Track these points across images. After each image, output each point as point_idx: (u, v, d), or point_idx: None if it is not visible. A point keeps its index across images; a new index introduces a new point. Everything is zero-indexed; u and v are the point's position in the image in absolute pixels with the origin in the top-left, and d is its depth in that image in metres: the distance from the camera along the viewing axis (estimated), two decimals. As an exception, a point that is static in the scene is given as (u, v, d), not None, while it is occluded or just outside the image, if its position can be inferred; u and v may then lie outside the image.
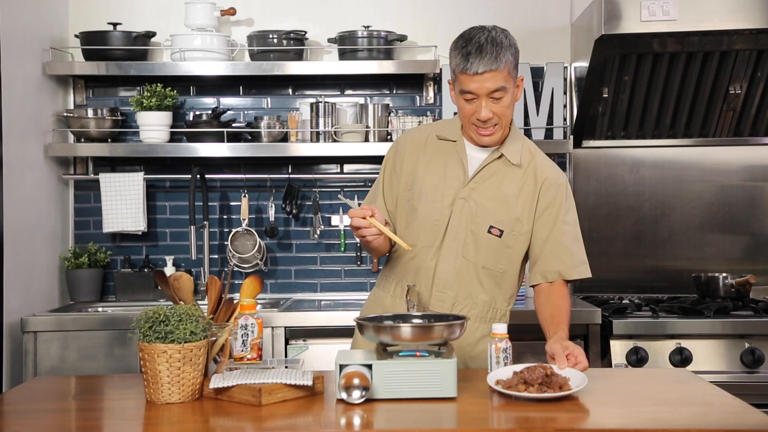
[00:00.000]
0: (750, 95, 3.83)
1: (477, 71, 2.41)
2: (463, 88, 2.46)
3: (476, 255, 2.56)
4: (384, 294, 2.67)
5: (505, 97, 2.47)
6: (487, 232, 2.54)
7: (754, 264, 4.05)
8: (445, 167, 2.59)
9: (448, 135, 2.62)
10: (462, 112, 2.53)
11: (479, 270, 2.56)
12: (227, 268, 4.03)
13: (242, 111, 4.11)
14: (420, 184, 2.59)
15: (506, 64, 2.43)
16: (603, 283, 4.08)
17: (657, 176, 4.09)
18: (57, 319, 3.50)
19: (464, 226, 2.55)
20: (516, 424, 1.96)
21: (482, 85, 2.43)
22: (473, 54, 2.42)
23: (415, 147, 2.64)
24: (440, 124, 2.70)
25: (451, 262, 2.56)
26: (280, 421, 1.99)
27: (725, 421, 1.97)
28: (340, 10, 4.09)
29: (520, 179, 2.58)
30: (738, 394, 2.19)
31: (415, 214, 2.58)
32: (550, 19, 4.09)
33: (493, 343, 2.25)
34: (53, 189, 3.94)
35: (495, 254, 2.56)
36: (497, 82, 2.43)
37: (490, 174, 2.58)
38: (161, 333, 2.11)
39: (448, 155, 2.61)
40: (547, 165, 2.62)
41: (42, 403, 2.24)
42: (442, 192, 2.57)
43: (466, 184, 2.57)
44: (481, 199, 2.56)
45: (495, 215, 2.55)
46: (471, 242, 2.55)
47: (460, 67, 2.45)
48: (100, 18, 4.02)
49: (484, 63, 2.41)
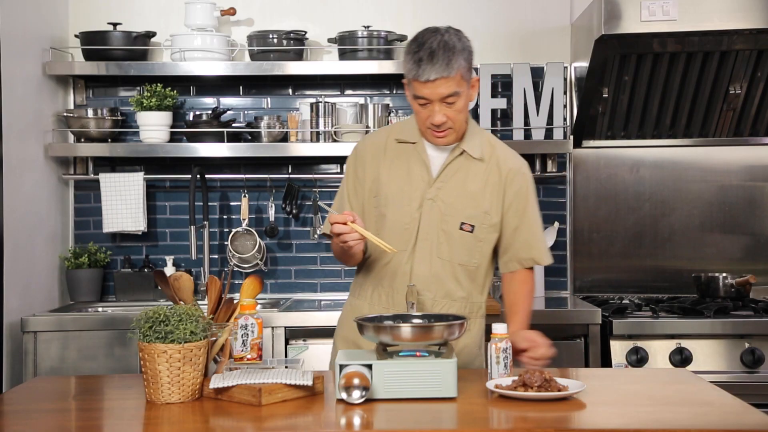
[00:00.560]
0: (750, 95, 3.83)
1: (429, 78, 2.43)
2: (416, 93, 2.48)
3: (450, 253, 2.58)
4: (361, 302, 2.67)
5: (458, 102, 2.49)
6: (459, 229, 2.57)
7: (754, 264, 4.05)
8: (408, 170, 2.61)
9: (407, 137, 2.64)
10: (417, 116, 2.55)
11: (455, 267, 2.59)
12: (227, 268, 4.03)
13: (242, 111, 4.11)
14: (385, 190, 2.60)
15: (458, 69, 2.44)
16: (603, 283, 4.08)
17: (657, 176, 4.09)
18: (57, 319, 3.50)
19: (435, 226, 2.57)
20: (516, 424, 1.96)
21: (434, 91, 2.45)
22: (425, 60, 2.42)
23: (375, 152, 2.65)
24: (397, 127, 2.71)
25: (426, 263, 2.57)
26: (280, 421, 1.99)
27: (725, 421, 1.97)
28: (340, 10, 4.09)
29: (484, 172, 2.60)
30: (738, 394, 2.19)
31: (384, 220, 2.59)
32: (550, 19, 4.09)
33: (493, 343, 2.25)
34: (53, 189, 3.94)
35: (468, 250, 2.60)
36: (449, 88, 2.45)
37: (454, 171, 2.60)
38: (161, 333, 2.11)
39: (409, 157, 2.62)
40: (509, 155, 2.66)
41: (42, 403, 2.25)
42: (408, 195, 2.59)
43: (432, 184, 2.59)
44: (449, 197, 2.58)
45: (465, 211, 2.58)
46: (444, 241, 2.58)
47: (412, 73, 2.46)
48: (100, 18, 4.02)
49: (436, 70, 2.42)
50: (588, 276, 4.09)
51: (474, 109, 3.94)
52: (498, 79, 4.01)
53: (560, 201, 4.09)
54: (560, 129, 3.90)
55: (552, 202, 4.09)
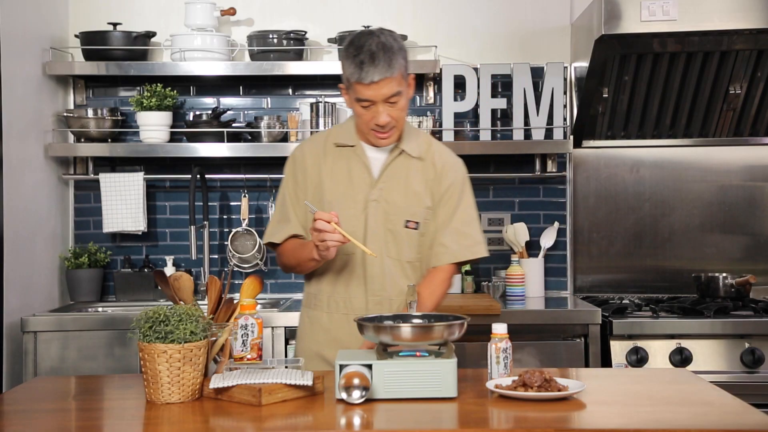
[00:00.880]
0: (750, 95, 3.83)
1: (372, 80, 2.45)
2: (360, 96, 2.49)
3: (399, 252, 2.61)
4: (318, 313, 2.68)
5: (401, 101, 2.52)
6: (405, 227, 2.61)
7: (754, 264, 4.05)
8: (349, 173, 2.63)
9: (345, 141, 2.66)
10: (360, 119, 2.56)
11: (405, 265, 2.62)
12: (227, 268, 4.03)
13: (242, 111, 4.11)
14: (328, 194, 2.62)
15: (399, 69, 2.48)
16: (603, 283, 4.08)
17: (657, 176, 4.09)
18: (57, 319, 3.50)
19: (381, 226, 2.60)
20: (516, 424, 1.96)
21: (378, 92, 2.47)
22: (366, 63, 2.45)
23: (314, 158, 2.66)
24: (334, 131, 2.73)
25: (377, 264, 2.59)
26: (280, 421, 1.99)
27: (725, 421, 1.97)
28: (340, 10, 4.09)
29: (422, 170, 2.64)
30: (738, 394, 2.19)
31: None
32: (550, 19, 4.09)
33: (493, 343, 2.25)
34: (53, 189, 3.94)
35: (415, 247, 2.63)
36: (392, 88, 2.48)
37: (394, 171, 2.63)
38: (161, 333, 2.11)
39: (350, 161, 2.64)
40: (444, 152, 2.70)
41: (42, 403, 2.25)
42: (352, 198, 2.61)
43: (374, 185, 2.61)
44: (392, 197, 2.61)
45: (409, 209, 2.61)
46: (391, 240, 2.61)
47: (354, 76, 2.47)
48: (100, 18, 4.02)
49: (379, 71, 2.45)
50: (588, 276, 4.09)
51: (474, 108, 3.95)
52: (498, 79, 4.01)
53: (560, 201, 4.09)
54: (560, 129, 3.90)
55: (552, 202, 4.09)
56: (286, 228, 2.67)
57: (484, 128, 3.92)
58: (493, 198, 4.10)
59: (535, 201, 4.10)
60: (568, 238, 4.09)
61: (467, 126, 4.05)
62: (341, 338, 2.61)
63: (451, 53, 4.06)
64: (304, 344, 2.71)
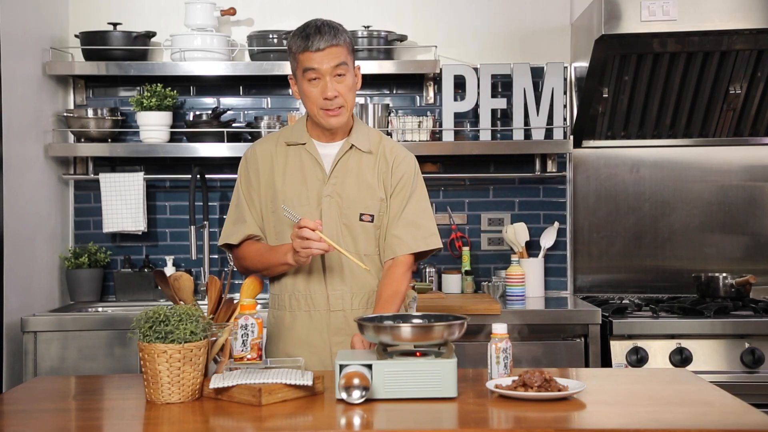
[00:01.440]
0: (750, 95, 3.83)
1: (319, 47, 2.54)
2: (307, 66, 2.55)
3: (355, 245, 2.63)
4: (282, 312, 2.69)
5: (347, 77, 2.57)
6: (360, 220, 2.62)
7: (754, 264, 4.05)
8: (302, 170, 2.65)
9: (296, 139, 2.68)
10: (308, 98, 2.59)
11: (362, 258, 2.61)
12: (227, 268, 4.03)
13: (242, 111, 4.11)
14: (282, 194, 2.63)
15: (345, 42, 2.59)
16: (603, 283, 4.08)
17: (657, 176, 4.09)
18: (57, 319, 3.50)
19: (336, 221, 2.61)
20: (516, 424, 1.96)
21: (324, 59, 2.54)
22: (313, 34, 2.56)
23: (266, 159, 2.68)
24: (285, 132, 2.75)
25: (335, 259, 2.61)
26: (280, 421, 1.99)
27: (725, 421, 1.97)
28: (340, 10, 4.09)
29: (374, 163, 2.67)
30: (738, 394, 2.19)
31: (284, 224, 2.61)
32: (550, 19, 4.09)
33: (493, 343, 2.25)
34: (53, 189, 3.94)
35: (372, 239, 2.65)
36: (338, 57, 2.55)
37: (346, 165, 2.65)
38: (161, 333, 2.11)
39: (301, 158, 2.66)
40: (395, 146, 2.74)
41: (42, 403, 2.25)
42: (306, 195, 2.62)
43: (327, 181, 2.63)
44: (345, 191, 2.63)
45: (362, 203, 2.63)
46: (347, 234, 2.62)
47: (301, 47, 2.56)
48: (100, 18, 4.02)
49: (325, 39, 2.54)
50: (588, 276, 4.09)
51: (474, 108, 3.95)
52: (498, 79, 4.01)
53: (560, 201, 4.10)
54: (560, 129, 3.90)
55: (552, 202, 4.09)
56: (242, 229, 2.68)
57: (484, 128, 3.92)
58: (493, 198, 4.10)
59: (535, 201, 4.10)
60: (568, 238, 4.09)
61: (467, 126, 4.05)
62: (304, 336, 2.63)
63: (451, 53, 4.06)
64: (272, 346, 2.70)
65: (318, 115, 2.60)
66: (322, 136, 2.67)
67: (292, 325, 2.66)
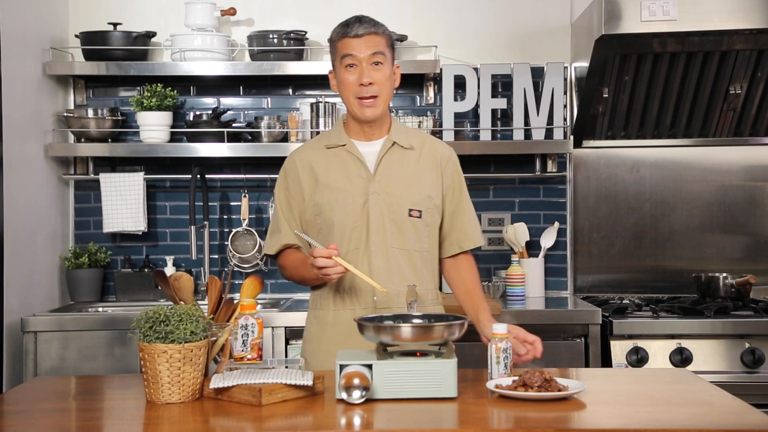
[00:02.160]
0: (750, 95, 3.83)
1: (357, 33, 2.58)
2: (345, 52, 2.58)
3: (405, 242, 2.61)
4: (325, 312, 2.67)
5: (385, 67, 2.59)
6: (408, 216, 2.62)
7: (755, 264, 4.05)
8: (345, 171, 2.64)
9: (335, 141, 2.68)
10: (345, 86, 2.60)
11: (413, 255, 2.62)
12: (227, 268, 4.03)
13: (242, 111, 4.11)
14: (326, 196, 2.62)
15: (384, 33, 2.62)
16: (603, 283, 4.08)
17: (657, 176, 4.09)
18: (57, 319, 3.50)
19: (385, 218, 2.60)
20: (516, 424, 1.96)
21: (363, 45, 2.57)
22: (353, 22, 2.61)
23: (306, 165, 2.67)
24: (324, 137, 2.75)
25: (382, 257, 2.59)
26: (280, 421, 1.99)
27: (725, 421, 1.97)
28: (340, 10, 4.08)
29: (417, 159, 2.67)
30: (738, 394, 2.19)
31: (331, 226, 2.60)
32: (550, 19, 4.09)
33: (493, 343, 2.25)
34: (53, 189, 3.94)
35: (420, 236, 2.64)
36: (377, 45, 2.58)
37: (390, 162, 2.64)
38: (161, 333, 2.11)
39: (344, 159, 2.65)
40: (438, 143, 2.75)
41: (42, 403, 2.25)
42: (352, 195, 2.61)
43: (372, 179, 2.62)
44: (391, 187, 2.62)
45: (410, 198, 2.62)
46: (396, 231, 2.61)
47: (340, 34, 2.60)
48: (100, 18, 4.02)
49: (364, 27, 2.59)
50: (588, 276, 4.09)
51: (474, 108, 3.95)
52: (498, 79, 4.01)
53: (560, 201, 4.10)
54: (560, 129, 3.90)
55: (552, 202, 4.09)
56: (277, 239, 2.69)
57: (484, 128, 3.92)
58: (493, 198, 4.10)
59: (535, 201, 4.10)
60: (568, 238, 4.09)
61: (467, 126, 4.06)
62: (348, 336, 2.58)
63: (451, 53, 4.06)
64: (311, 345, 2.69)
65: (353, 105, 2.60)
66: (361, 135, 2.66)
67: (335, 324, 2.63)
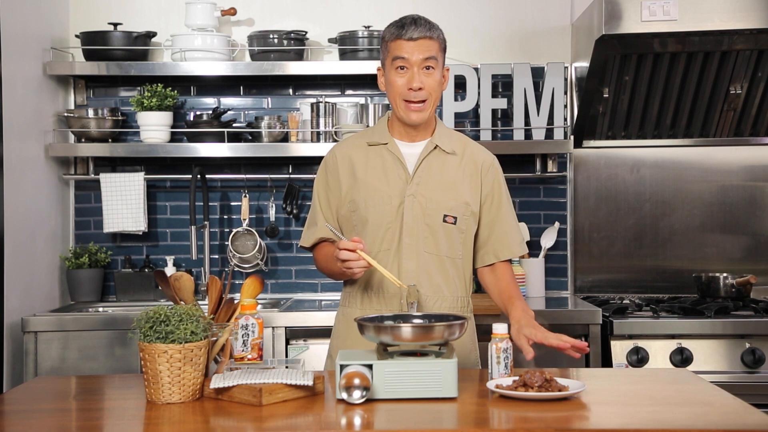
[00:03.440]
0: (750, 95, 3.83)
1: (412, 36, 2.53)
2: (397, 54, 2.54)
3: (437, 247, 2.59)
4: (353, 310, 2.66)
5: (436, 72, 2.56)
6: (443, 221, 2.59)
7: (755, 264, 4.05)
8: (384, 170, 2.62)
9: (377, 139, 2.66)
10: (393, 87, 2.57)
11: (443, 260, 2.60)
12: (228, 268, 4.03)
13: (243, 111, 4.12)
14: (363, 194, 2.61)
15: (439, 37, 2.57)
16: (603, 283, 4.08)
17: (657, 176, 4.09)
18: (57, 319, 3.50)
19: (419, 221, 2.58)
20: (516, 424, 1.96)
21: (416, 49, 2.52)
22: (408, 23, 2.55)
23: (346, 160, 2.66)
24: (367, 133, 2.73)
25: (413, 260, 2.58)
26: (280, 421, 1.99)
27: (725, 421, 1.97)
28: (340, 10, 4.09)
29: (458, 165, 2.64)
30: (738, 394, 2.19)
31: (365, 224, 2.60)
32: (550, 19, 4.09)
33: (494, 343, 2.25)
34: (53, 189, 3.94)
35: (453, 242, 2.62)
36: (430, 50, 2.54)
37: (430, 166, 2.62)
38: (162, 333, 2.11)
39: (384, 158, 2.64)
40: (480, 149, 2.71)
41: (42, 403, 2.25)
42: (388, 195, 2.60)
43: (410, 181, 2.60)
44: (429, 191, 2.60)
45: (446, 204, 2.60)
46: (429, 235, 2.59)
47: (394, 35, 2.55)
48: (101, 18, 4.02)
49: (419, 30, 2.53)
50: (588, 276, 4.09)
51: (474, 108, 3.95)
52: (498, 79, 4.01)
53: (560, 201, 4.09)
54: (561, 129, 3.90)
55: (552, 202, 4.09)
56: (313, 232, 2.69)
57: (484, 128, 3.92)
58: (494, 198, 4.09)
59: (535, 201, 4.10)
60: (568, 238, 4.09)
61: (468, 126, 4.05)
62: None
63: (451, 53, 4.02)
64: (339, 342, 2.68)
65: (399, 107, 2.58)
66: (404, 136, 2.64)
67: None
